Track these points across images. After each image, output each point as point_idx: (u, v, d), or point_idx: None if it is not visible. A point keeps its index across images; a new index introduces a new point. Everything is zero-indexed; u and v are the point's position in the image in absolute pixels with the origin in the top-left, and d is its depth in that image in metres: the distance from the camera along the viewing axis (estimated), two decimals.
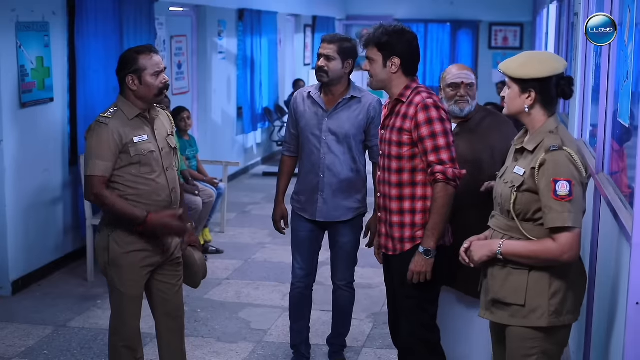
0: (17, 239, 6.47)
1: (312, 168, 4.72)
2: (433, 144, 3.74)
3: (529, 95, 3.22)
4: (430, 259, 3.78)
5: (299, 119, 4.77)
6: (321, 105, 4.68)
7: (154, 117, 4.12)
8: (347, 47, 4.64)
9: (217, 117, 10.77)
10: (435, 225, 3.77)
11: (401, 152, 3.83)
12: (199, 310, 6.11)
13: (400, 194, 3.87)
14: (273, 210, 4.96)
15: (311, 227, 4.83)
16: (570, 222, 3.05)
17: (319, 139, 4.67)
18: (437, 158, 3.74)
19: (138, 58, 3.97)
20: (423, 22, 17.85)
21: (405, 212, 3.87)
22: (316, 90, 4.74)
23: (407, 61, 3.86)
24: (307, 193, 4.77)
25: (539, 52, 3.38)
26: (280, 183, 4.92)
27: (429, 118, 3.75)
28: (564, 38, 8.44)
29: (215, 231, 8.41)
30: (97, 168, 3.92)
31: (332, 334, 5.11)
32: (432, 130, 3.74)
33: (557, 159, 3.08)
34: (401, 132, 3.82)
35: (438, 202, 3.75)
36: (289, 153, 4.91)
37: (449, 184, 3.74)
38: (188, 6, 9.98)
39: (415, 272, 3.80)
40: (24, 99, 6.41)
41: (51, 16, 6.77)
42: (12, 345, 5.42)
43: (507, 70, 3.26)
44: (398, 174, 3.86)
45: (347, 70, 4.66)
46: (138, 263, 4.04)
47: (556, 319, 3.19)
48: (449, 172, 3.73)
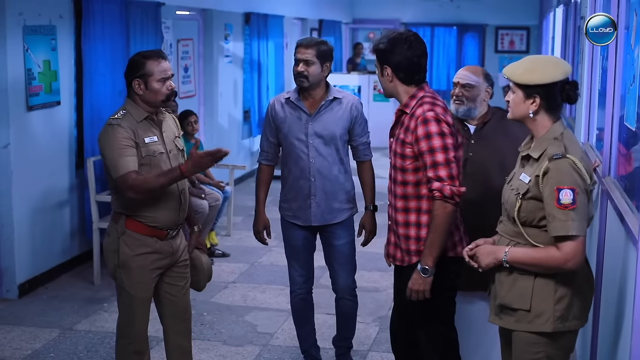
0: (24, 242, 6.49)
1: (302, 173, 4.69)
2: (431, 160, 3.65)
3: (533, 101, 3.20)
4: (428, 278, 3.69)
5: (279, 126, 4.73)
6: (303, 109, 4.67)
7: (161, 119, 4.13)
8: (324, 50, 4.64)
9: (223, 121, 10.79)
10: (433, 243, 3.67)
11: (404, 164, 3.77)
12: (205, 314, 6.11)
13: (405, 207, 3.81)
14: (254, 220, 4.92)
15: (304, 234, 4.82)
16: (573, 231, 3.04)
17: (305, 144, 4.66)
18: (435, 175, 3.64)
19: (145, 63, 3.97)
20: (429, 25, 17.86)
21: (410, 225, 3.80)
22: (295, 95, 4.71)
23: (400, 71, 3.77)
24: (299, 199, 4.74)
25: (544, 56, 3.36)
26: (260, 193, 4.87)
27: (428, 133, 3.65)
28: (570, 41, 8.43)
29: (222, 234, 8.41)
30: (125, 165, 3.87)
31: (337, 337, 5.10)
32: (431, 146, 3.65)
33: (561, 167, 3.07)
34: (404, 145, 3.75)
35: (435, 220, 3.65)
36: (266, 162, 4.87)
37: (447, 202, 3.63)
38: (195, 10, 10.00)
39: (413, 290, 3.74)
40: (30, 102, 6.42)
41: (58, 20, 6.79)
42: (19, 348, 5.43)
43: (511, 76, 3.24)
44: (403, 186, 3.81)
45: (325, 73, 4.66)
46: (148, 265, 4.05)
47: (561, 324, 3.19)
48: (446, 190, 3.62)
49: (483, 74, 4.36)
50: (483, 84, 4.33)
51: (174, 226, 4.12)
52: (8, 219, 6.33)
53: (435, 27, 17.93)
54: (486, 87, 4.34)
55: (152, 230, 4.03)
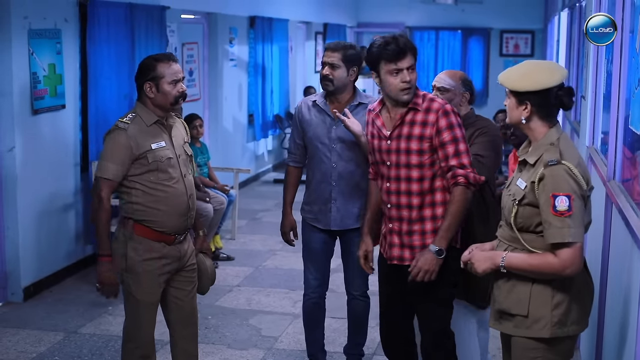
0: (29, 245, 6.50)
1: (323, 177, 4.69)
2: (455, 149, 3.79)
3: (525, 107, 3.20)
4: (440, 259, 3.77)
5: (305, 129, 4.72)
6: (328, 113, 4.65)
7: (171, 124, 4.14)
8: (351, 54, 4.59)
9: (228, 124, 10.80)
10: (450, 226, 3.79)
11: (422, 159, 3.83)
12: (209, 317, 6.11)
13: (421, 202, 3.87)
14: (281, 222, 4.93)
15: (324, 238, 4.81)
16: (570, 238, 3.03)
17: (328, 147, 4.65)
18: (459, 162, 3.79)
19: (157, 65, 3.99)
20: (434, 29, 17.84)
21: (426, 220, 3.87)
22: (322, 99, 4.69)
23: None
24: (320, 203, 4.73)
25: (541, 62, 3.33)
26: (287, 194, 4.87)
27: (451, 123, 3.81)
28: (575, 45, 8.42)
29: (226, 238, 8.42)
30: (107, 170, 3.95)
31: (349, 344, 5.07)
32: (454, 135, 3.80)
33: (556, 174, 3.06)
34: (422, 140, 3.82)
35: (456, 205, 3.78)
36: (294, 163, 4.86)
37: (469, 188, 3.79)
38: (199, 13, 10.01)
39: (423, 269, 3.77)
40: (36, 106, 6.44)
41: (63, 23, 6.80)
42: (24, 351, 5.43)
43: (504, 82, 3.25)
44: (420, 183, 3.85)
45: (352, 78, 4.62)
46: (155, 270, 4.05)
47: (559, 329, 3.17)
48: (471, 176, 3.78)
49: (461, 79, 4.33)
50: (459, 88, 4.30)
51: (182, 231, 4.13)
52: (13, 222, 6.34)
53: (439, 31, 17.89)
54: (462, 92, 4.31)
55: (160, 235, 4.04)
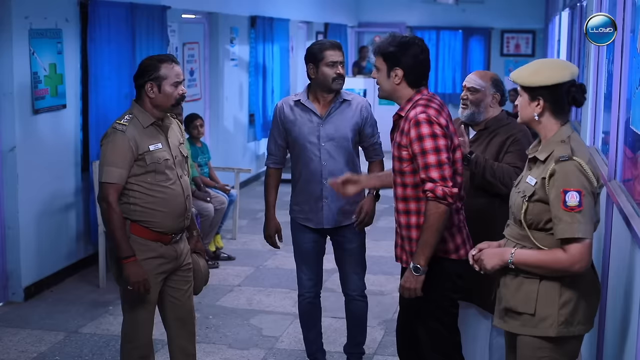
0: (30, 245, 6.50)
1: (313, 176, 4.68)
2: (423, 162, 3.66)
3: (538, 103, 3.20)
4: (420, 277, 3.69)
5: (289, 129, 4.69)
6: (314, 111, 4.66)
7: (168, 125, 4.14)
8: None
9: (228, 124, 10.79)
10: (426, 243, 3.67)
11: (402, 167, 3.79)
12: (210, 317, 6.11)
13: (406, 209, 3.83)
14: (265, 225, 4.90)
15: (315, 237, 4.81)
16: (579, 233, 3.03)
17: (317, 146, 4.65)
18: (427, 176, 3.65)
19: (160, 66, 3.98)
20: (435, 29, 17.84)
21: (412, 227, 3.82)
22: (305, 97, 4.69)
23: (410, 73, 3.80)
24: (311, 202, 4.73)
25: (551, 59, 3.36)
26: (270, 196, 4.86)
27: (420, 135, 3.66)
28: (576, 45, 8.42)
29: (227, 238, 8.42)
30: (111, 175, 3.93)
31: (349, 343, 5.07)
32: (422, 148, 3.66)
33: (567, 170, 3.07)
34: (400, 148, 3.78)
35: (428, 220, 3.66)
36: (274, 165, 4.84)
37: (440, 202, 3.63)
38: (200, 13, 10.01)
39: (405, 288, 3.76)
40: (36, 106, 6.44)
41: (64, 23, 6.80)
42: (25, 351, 5.44)
43: (517, 79, 3.25)
44: (402, 188, 3.83)
45: None
46: (153, 270, 4.05)
47: (565, 329, 3.18)
48: (438, 190, 3.62)
49: (491, 79, 4.31)
50: (489, 89, 4.29)
51: (179, 231, 4.13)
52: (14, 222, 6.34)
53: (440, 31, 17.89)
54: (493, 93, 4.30)
55: (157, 235, 4.04)
